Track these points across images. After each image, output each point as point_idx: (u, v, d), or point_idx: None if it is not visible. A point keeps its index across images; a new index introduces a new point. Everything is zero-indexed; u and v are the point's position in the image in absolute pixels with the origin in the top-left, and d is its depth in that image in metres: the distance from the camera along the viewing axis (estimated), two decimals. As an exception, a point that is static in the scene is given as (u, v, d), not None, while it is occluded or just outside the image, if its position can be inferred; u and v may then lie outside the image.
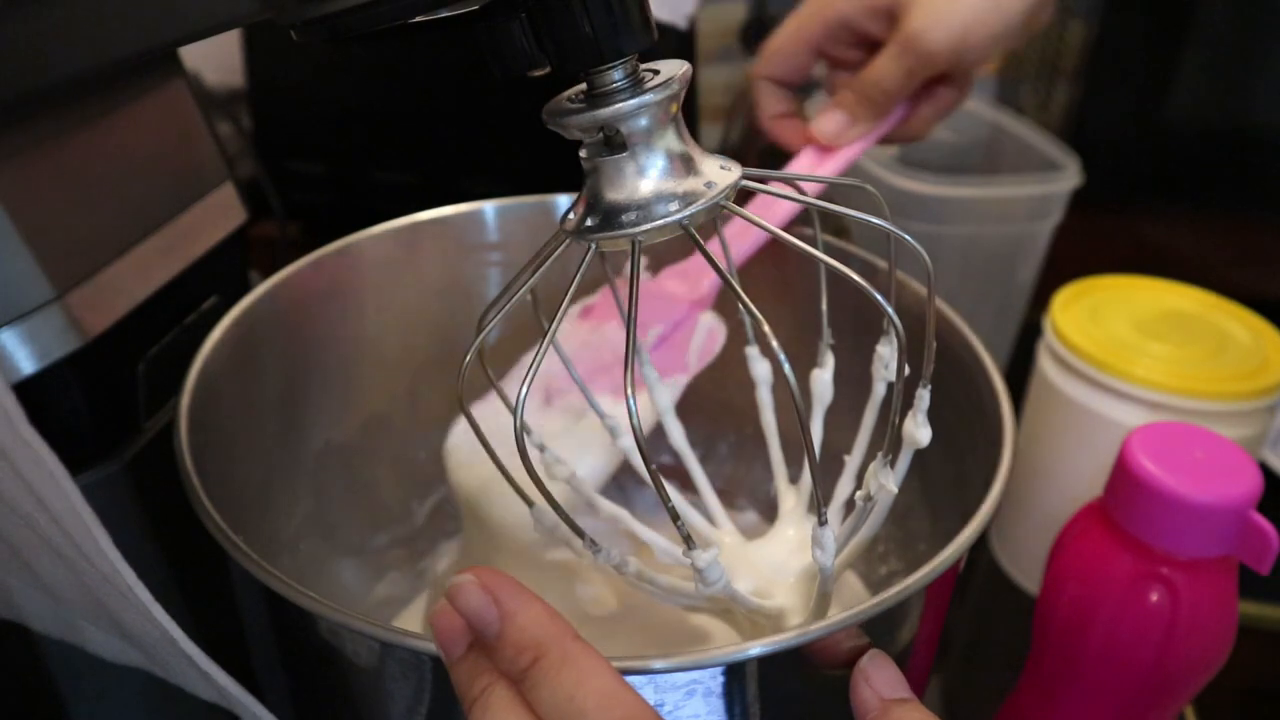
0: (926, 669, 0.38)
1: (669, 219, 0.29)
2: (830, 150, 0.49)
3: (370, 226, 0.49)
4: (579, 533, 0.32)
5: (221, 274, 0.45)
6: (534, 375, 0.28)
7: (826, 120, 0.48)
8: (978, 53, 0.46)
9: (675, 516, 0.29)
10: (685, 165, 0.30)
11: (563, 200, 0.52)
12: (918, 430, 0.33)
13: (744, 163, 0.31)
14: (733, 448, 0.56)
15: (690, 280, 0.47)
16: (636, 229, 0.29)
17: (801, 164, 0.49)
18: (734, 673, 0.29)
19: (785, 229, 0.32)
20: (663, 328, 0.46)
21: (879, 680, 0.30)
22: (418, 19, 0.29)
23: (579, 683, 0.25)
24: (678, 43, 0.71)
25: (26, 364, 0.35)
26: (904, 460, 0.34)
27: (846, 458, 0.40)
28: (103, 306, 0.37)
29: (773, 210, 0.45)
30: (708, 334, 0.46)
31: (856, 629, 0.31)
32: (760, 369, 0.42)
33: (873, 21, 0.47)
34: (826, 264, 0.29)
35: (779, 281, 0.47)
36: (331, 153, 0.79)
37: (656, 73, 0.29)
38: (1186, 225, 0.95)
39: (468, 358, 0.31)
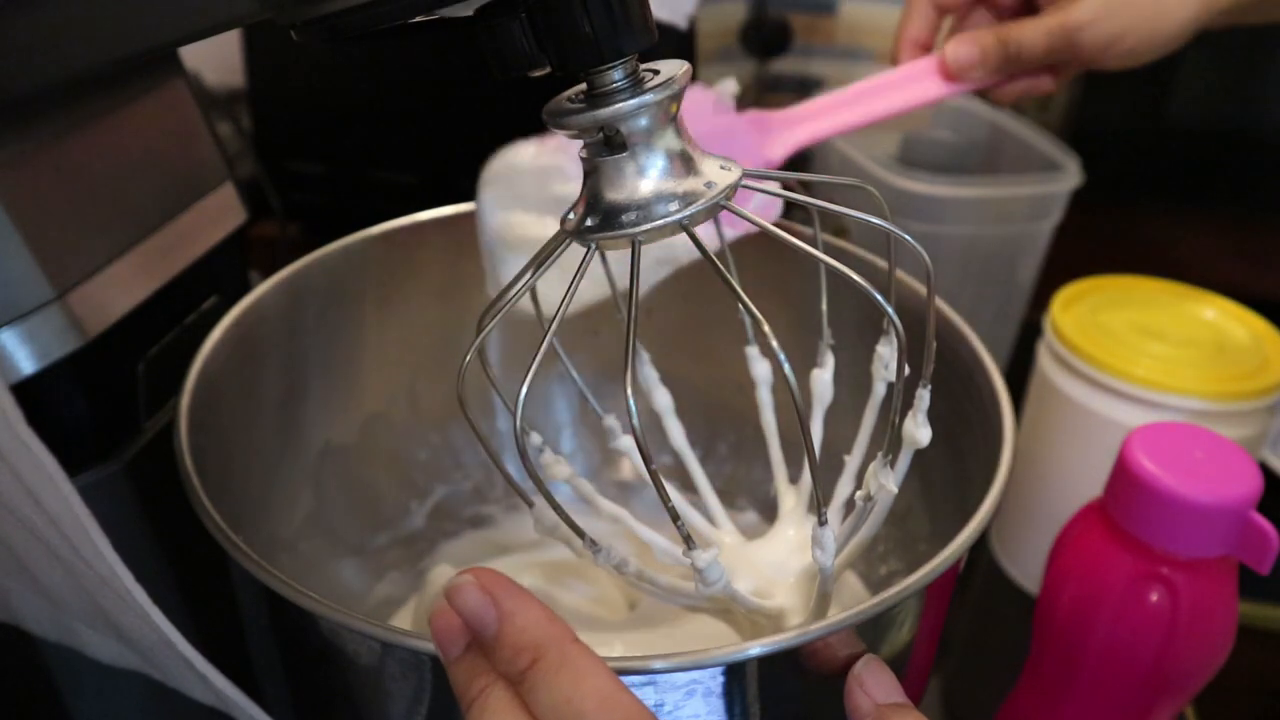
0: (926, 669, 0.38)
1: (669, 219, 0.29)
2: (906, 83, 0.48)
3: (370, 226, 0.49)
4: (579, 532, 0.32)
5: (221, 274, 0.45)
6: (534, 375, 0.28)
7: (962, 46, 0.47)
8: (1118, 61, 0.46)
9: (675, 516, 0.29)
10: (685, 165, 0.30)
11: (563, 200, 0.52)
12: (918, 430, 0.33)
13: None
14: (733, 448, 0.56)
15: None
16: (636, 229, 0.29)
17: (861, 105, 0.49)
18: (734, 673, 0.29)
19: (783, 226, 0.32)
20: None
21: (873, 685, 0.30)
22: (418, 19, 0.29)
23: (577, 684, 0.25)
24: (678, 43, 0.71)
25: (26, 364, 0.35)
26: (904, 460, 0.34)
27: (846, 458, 0.40)
28: (103, 306, 0.37)
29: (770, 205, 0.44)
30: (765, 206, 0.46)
31: (856, 630, 0.31)
32: (760, 369, 0.42)
33: None
34: (826, 264, 0.29)
35: (779, 281, 0.47)
36: (331, 153, 0.79)
37: (656, 72, 0.29)
38: (1187, 225, 0.95)
39: (467, 358, 0.31)
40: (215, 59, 0.80)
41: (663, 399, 0.43)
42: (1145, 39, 0.46)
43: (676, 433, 0.43)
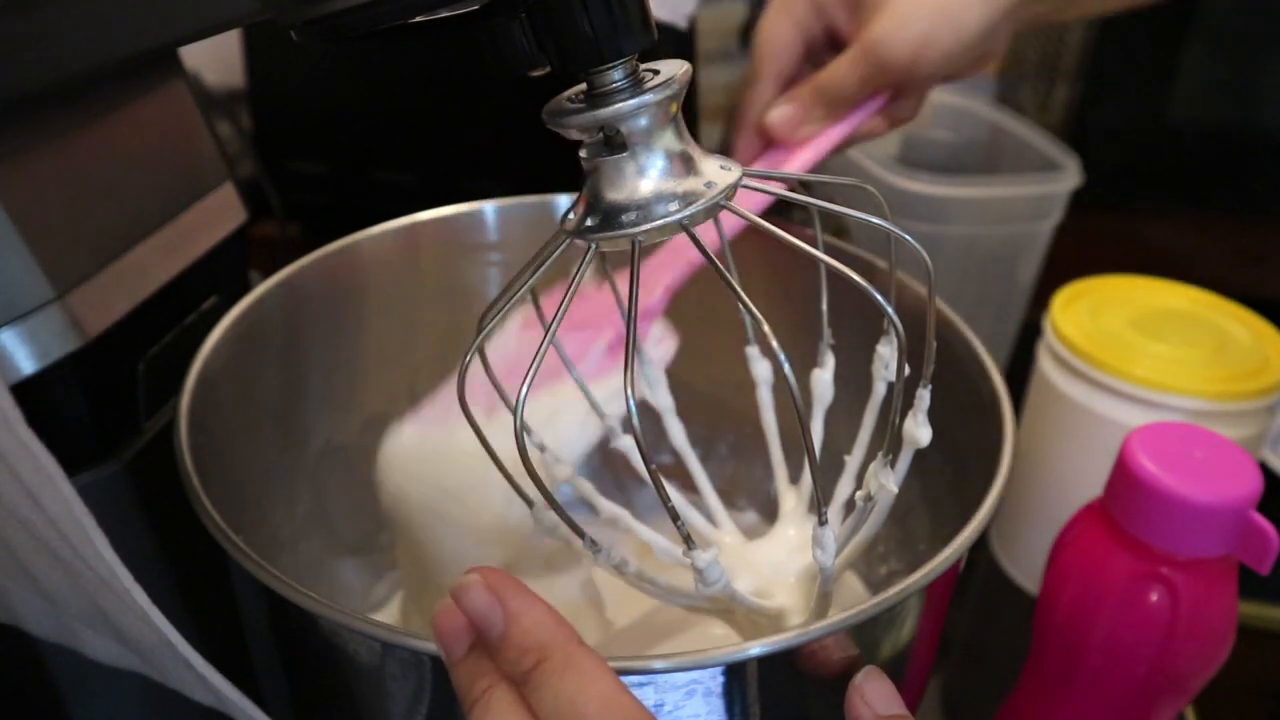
0: (926, 669, 0.38)
1: (669, 219, 0.29)
2: (789, 148, 0.48)
3: (370, 226, 0.49)
4: (579, 532, 0.32)
5: (221, 274, 0.45)
6: (534, 375, 0.28)
7: (779, 113, 0.47)
8: (932, 67, 0.45)
9: (675, 516, 0.29)
10: (685, 165, 0.30)
11: (563, 200, 0.52)
12: (918, 430, 0.33)
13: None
14: (733, 448, 0.56)
15: (644, 288, 0.47)
16: (636, 229, 0.29)
17: (765, 164, 0.48)
18: (734, 673, 0.29)
19: (784, 226, 0.32)
20: (612, 335, 0.45)
21: (874, 696, 0.30)
22: (418, 19, 0.29)
23: (581, 687, 0.25)
24: (678, 43, 0.71)
25: (26, 364, 0.35)
26: (904, 460, 0.34)
27: (846, 458, 0.40)
28: (103, 306, 0.37)
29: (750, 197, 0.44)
30: (657, 343, 0.46)
31: (856, 629, 0.31)
32: (760, 369, 0.42)
33: (840, 10, 0.47)
34: (826, 264, 0.29)
35: (779, 281, 0.47)
36: (331, 153, 0.79)
37: (656, 73, 0.29)
38: (1187, 225, 0.95)
39: (467, 358, 0.31)
40: (215, 59, 0.80)
41: (663, 399, 0.43)
42: (952, 42, 0.45)
43: (676, 433, 0.43)
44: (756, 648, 0.29)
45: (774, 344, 0.27)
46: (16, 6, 0.27)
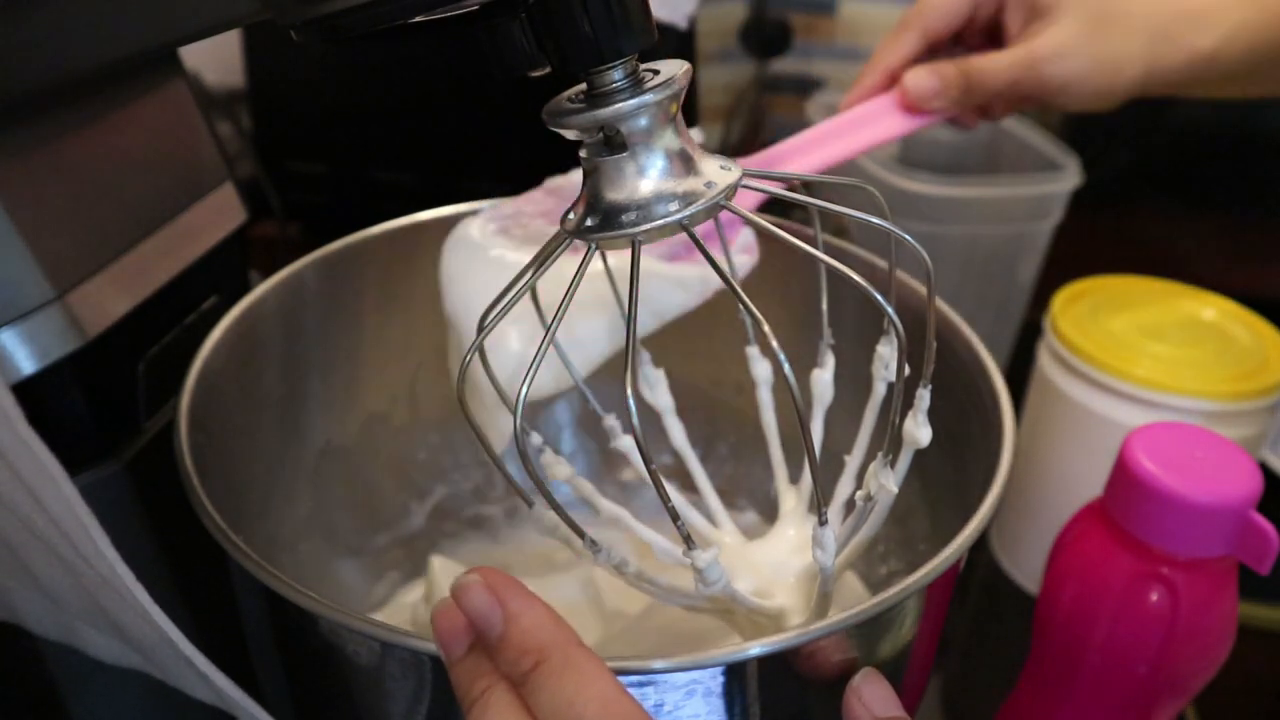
0: (926, 669, 0.38)
1: (669, 219, 0.29)
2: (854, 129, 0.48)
3: (370, 226, 0.49)
4: (579, 532, 0.32)
5: (221, 274, 0.45)
6: (534, 375, 0.28)
7: (919, 81, 0.47)
8: (1075, 104, 0.47)
9: (675, 516, 0.29)
10: (685, 165, 0.30)
11: (563, 200, 0.52)
12: (918, 430, 0.33)
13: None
14: (733, 448, 0.56)
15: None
16: (636, 229, 0.29)
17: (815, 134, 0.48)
18: (734, 673, 0.29)
19: (783, 226, 0.32)
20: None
21: (872, 698, 0.30)
22: (418, 19, 0.29)
23: (580, 688, 0.25)
24: (678, 43, 0.71)
25: (26, 364, 0.35)
26: (904, 460, 0.34)
27: (846, 458, 0.40)
28: (103, 306, 0.37)
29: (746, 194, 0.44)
30: (741, 251, 0.45)
31: (856, 629, 0.31)
32: (760, 369, 0.42)
33: (1018, 8, 0.47)
34: (827, 264, 0.29)
35: (779, 281, 0.47)
36: (331, 153, 0.79)
37: (656, 72, 0.29)
38: (1186, 225, 0.95)
39: (467, 357, 0.31)
40: (215, 59, 0.80)
41: (663, 399, 0.43)
42: (1103, 88, 0.47)
43: (676, 433, 0.43)
44: (756, 648, 0.29)
45: (774, 344, 0.27)
46: (16, 6, 0.27)
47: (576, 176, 0.46)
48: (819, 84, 1.01)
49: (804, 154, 0.48)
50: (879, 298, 0.28)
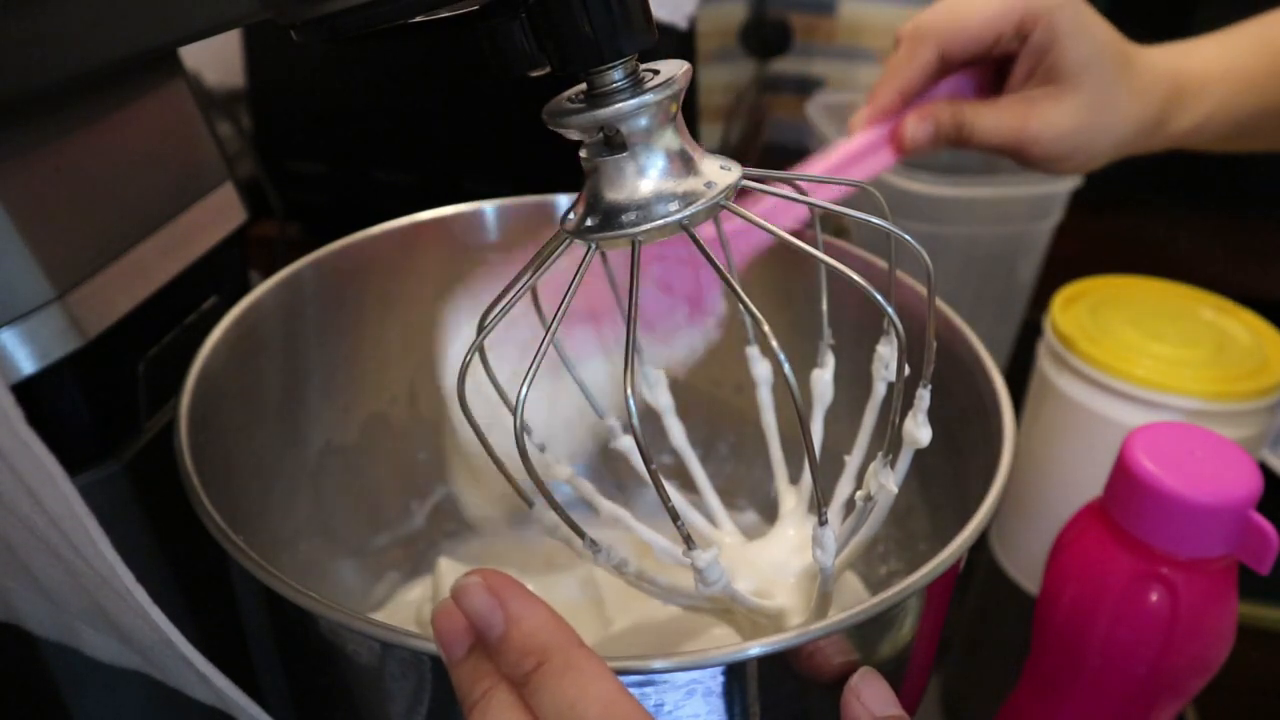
0: (926, 669, 0.38)
1: (669, 219, 0.29)
2: (858, 158, 0.48)
3: (370, 226, 0.49)
4: (579, 532, 0.32)
5: (221, 274, 0.45)
6: (534, 375, 0.28)
7: (919, 130, 0.47)
8: (1054, 171, 0.48)
9: (675, 516, 0.29)
10: (685, 165, 0.30)
11: (563, 200, 0.52)
12: (918, 430, 0.33)
13: (744, 163, 0.31)
14: (733, 448, 0.56)
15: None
16: (636, 229, 0.29)
17: (822, 165, 0.48)
18: (734, 673, 0.29)
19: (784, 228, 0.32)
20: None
21: (870, 697, 0.30)
22: (418, 19, 0.29)
23: (582, 689, 0.25)
24: (678, 43, 0.71)
25: (26, 364, 0.35)
26: (904, 460, 0.34)
27: (846, 458, 0.40)
28: (103, 306, 0.37)
29: (781, 214, 0.44)
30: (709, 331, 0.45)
31: (857, 629, 0.31)
32: (760, 369, 0.42)
33: (1032, 54, 0.47)
34: (827, 264, 0.29)
35: (779, 281, 0.47)
36: (331, 153, 0.79)
37: (656, 72, 0.29)
38: (1186, 225, 0.95)
39: (467, 358, 0.31)
40: (215, 59, 0.80)
41: (663, 399, 0.43)
42: (1081, 167, 0.48)
43: (676, 433, 0.43)
44: (756, 648, 0.29)
45: (774, 344, 0.27)
46: (16, 6, 0.27)
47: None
48: (819, 84, 1.01)
49: (793, 206, 0.48)
50: (879, 298, 0.28)
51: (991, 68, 0.49)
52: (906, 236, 0.31)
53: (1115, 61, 0.47)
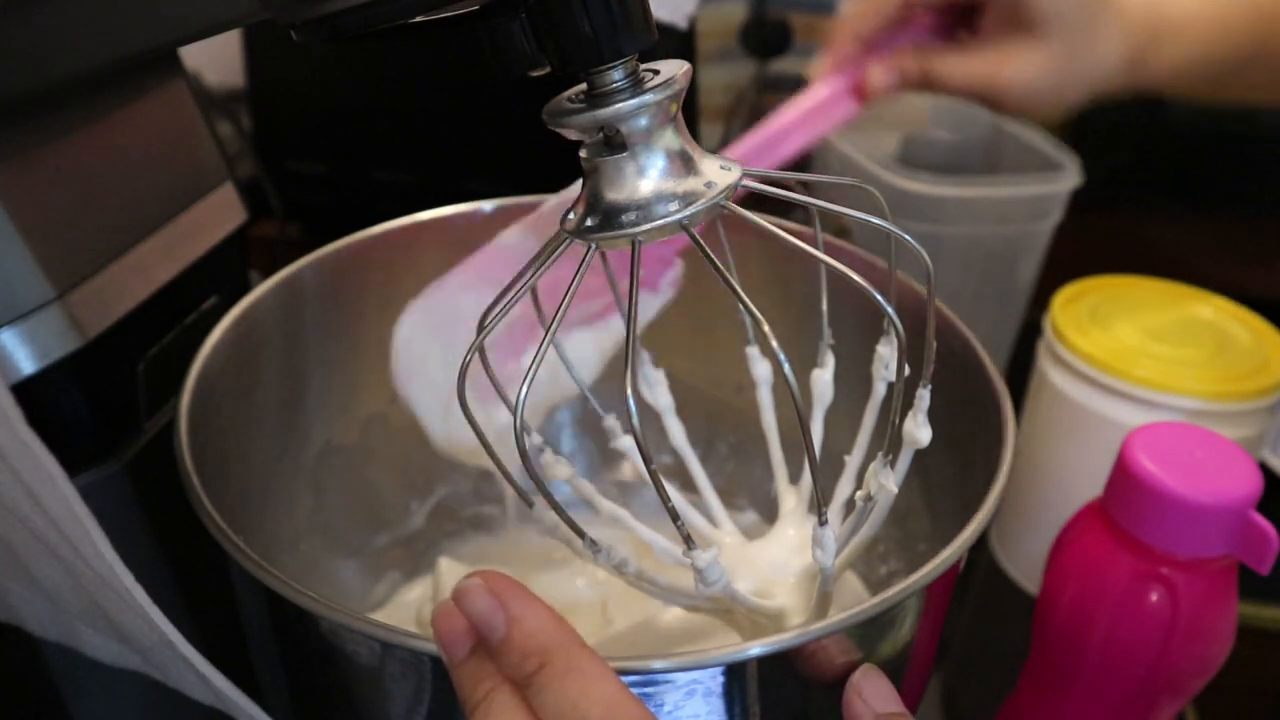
0: (926, 669, 0.38)
1: (669, 219, 0.29)
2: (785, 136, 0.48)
3: (370, 226, 0.49)
4: (579, 532, 0.32)
5: (221, 274, 0.45)
6: (534, 375, 0.28)
7: (884, 78, 0.47)
8: (1035, 115, 0.49)
9: (675, 516, 0.29)
10: (685, 165, 0.30)
11: (563, 200, 0.52)
12: (918, 430, 0.33)
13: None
14: (733, 448, 0.56)
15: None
16: (636, 229, 0.29)
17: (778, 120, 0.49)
18: (734, 673, 0.29)
19: (783, 226, 0.32)
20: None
21: (872, 694, 0.30)
22: (418, 19, 0.29)
23: (584, 690, 0.25)
24: (678, 43, 0.71)
25: (26, 364, 0.35)
26: (904, 460, 0.34)
27: (846, 458, 0.40)
28: (103, 306, 0.37)
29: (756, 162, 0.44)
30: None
31: (857, 629, 0.31)
32: (760, 369, 0.42)
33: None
34: (827, 264, 0.29)
35: (779, 281, 0.47)
36: (331, 153, 0.79)
37: (656, 72, 0.29)
38: (1186, 225, 0.95)
39: (467, 358, 0.31)
40: (215, 59, 0.80)
41: (663, 399, 0.43)
42: (1056, 108, 0.48)
43: (676, 433, 0.43)
44: (756, 648, 0.29)
45: (774, 344, 0.27)
46: (17, 6, 0.27)
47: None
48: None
49: (773, 149, 0.48)
50: (879, 298, 0.28)
51: (955, 12, 0.49)
52: (906, 236, 0.31)
53: (1089, 6, 0.46)
